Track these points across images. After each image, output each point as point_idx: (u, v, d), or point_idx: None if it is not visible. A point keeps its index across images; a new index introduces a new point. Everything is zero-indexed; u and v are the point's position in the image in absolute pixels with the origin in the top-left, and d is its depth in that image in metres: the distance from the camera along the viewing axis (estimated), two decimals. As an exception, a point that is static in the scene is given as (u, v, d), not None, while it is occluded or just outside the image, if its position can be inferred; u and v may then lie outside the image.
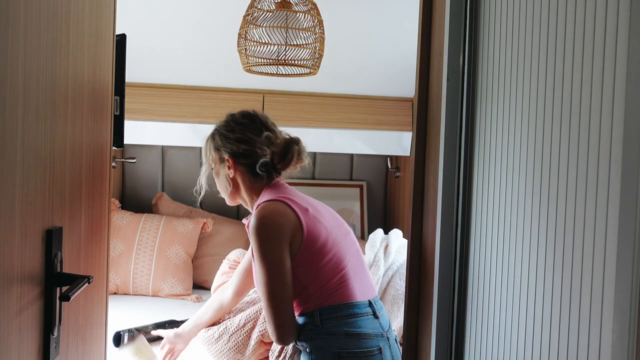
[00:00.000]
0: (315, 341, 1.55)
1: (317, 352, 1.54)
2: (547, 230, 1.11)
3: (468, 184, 1.49)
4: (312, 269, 1.54)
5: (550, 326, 1.09)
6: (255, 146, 1.66)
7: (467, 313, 1.47)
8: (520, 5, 1.24)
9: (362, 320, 1.55)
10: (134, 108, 3.02)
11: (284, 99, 3.20)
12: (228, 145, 1.68)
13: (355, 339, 1.53)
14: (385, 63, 3.00)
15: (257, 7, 2.15)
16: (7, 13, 0.79)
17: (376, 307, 1.61)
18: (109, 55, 1.35)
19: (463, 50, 1.48)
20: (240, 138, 1.67)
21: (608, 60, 0.93)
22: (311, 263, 1.54)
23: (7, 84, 0.79)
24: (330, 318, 1.54)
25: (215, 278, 2.31)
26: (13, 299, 0.84)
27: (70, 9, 1.05)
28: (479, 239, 1.43)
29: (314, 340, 1.55)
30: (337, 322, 1.54)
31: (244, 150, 1.66)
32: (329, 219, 1.66)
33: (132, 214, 3.18)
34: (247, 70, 2.32)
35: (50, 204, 0.98)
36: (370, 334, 1.56)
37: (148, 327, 2.40)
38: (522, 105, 1.22)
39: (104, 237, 1.37)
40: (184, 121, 3.12)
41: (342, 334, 1.53)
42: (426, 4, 1.67)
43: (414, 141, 1.73)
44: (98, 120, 1.28)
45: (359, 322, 1.55)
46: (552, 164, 1.09)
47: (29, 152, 0.88)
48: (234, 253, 2.35)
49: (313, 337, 1.56)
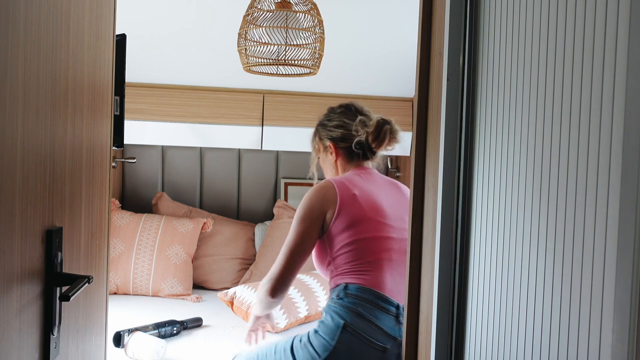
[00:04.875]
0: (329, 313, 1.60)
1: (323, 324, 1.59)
2: (547, 230, 1.11)
3: (468, 184, 1.49)
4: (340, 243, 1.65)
5: (550, 326, 1.09)
6: (351, 129, 1.82)
7: (467, 313, 1.48)
8: (520, 5, 1.24)
9: (384, 315, 1.58)
10: (134, 108, 3.02)
11: (284, 99, 3.20)
12: (328, 132, 1.87)
13: (367, 324, 1.55)
14: (385, 63, 3.00)
15: (257, 7, 2.15)
16: (7, 13, 0.79)
17: (402, 314, 1.61)
18: (109, 55, 1.35)
19: (463, 50, 1.48)
20: (337, 124, 1.86)
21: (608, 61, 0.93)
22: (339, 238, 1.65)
23: (7, 84, 0.79)
24: (354, 296, 1.59)
25: None
26: (13, 298, 0.84)
27: (70, 9, 1.05)
28: (479, 239, 1.43)
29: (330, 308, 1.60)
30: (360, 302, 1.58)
31: (341, 134, 1.84)
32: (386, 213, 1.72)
33: (132, 214, 3.18)
34: (247, 70, 2.32)
35: (50, 204, 0.98)
36: (384, 331, 1.57)
37: (148, 327, 2.40)
38: (522, 105, 1.22)
39: (104, 237, 1.37)
40: (184, 121, 3.12)
41: (357, 313, 1.56)
42: (426, 4, 1.67)
43: (414, 141, 1.73)
44: (98, 120, 1.28)
45: (379, 315, 1.57)
46: (552, 164, 1.09)
47: (29, 152, 0.88)
48: None
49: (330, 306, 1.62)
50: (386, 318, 1.57)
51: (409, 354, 1.73)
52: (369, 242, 1.65)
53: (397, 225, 1.73)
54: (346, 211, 1.66)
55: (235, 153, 3.58)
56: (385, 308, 1.58)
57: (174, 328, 2.47)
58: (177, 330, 2.49)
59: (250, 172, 3.57)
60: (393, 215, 1.74)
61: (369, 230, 1.67)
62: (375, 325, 1.56)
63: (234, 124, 3.16)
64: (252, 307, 1.88)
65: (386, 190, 1.79)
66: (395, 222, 1.73)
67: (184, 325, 2.53)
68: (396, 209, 1.76)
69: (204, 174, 3.57)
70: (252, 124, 3.17)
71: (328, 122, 1.90)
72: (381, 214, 1.71)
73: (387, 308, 1.58)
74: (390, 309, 1.59)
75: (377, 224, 1.68)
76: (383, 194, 1.77)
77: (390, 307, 1.59)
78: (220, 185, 3.58)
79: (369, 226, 1.67)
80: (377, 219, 1.69)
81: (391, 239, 1.69)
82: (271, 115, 3.18)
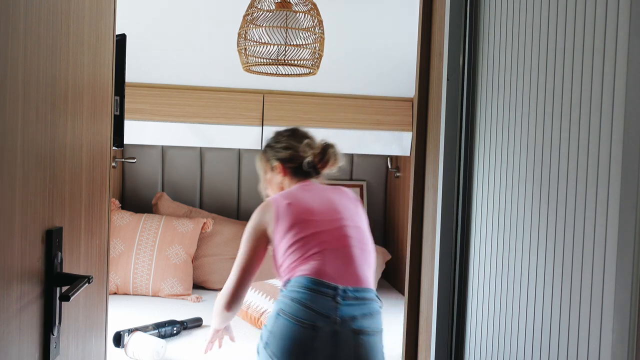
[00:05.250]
0: (276, 304, 1.81)
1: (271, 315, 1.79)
2: (547, 230, 1.11)
3: (468, 184, 1.49)
4: (284, 248, 1.84)
5: (550, 326, 1.09)
6: (299, 150, 2.01)
7: (467, 313, 1.48)
8: (520, 5, 1.24)
9: (318, 297, 1.73)
10: (134, 108, 3.02)
11: (284, 99, 3.20)
12: (276, 153, 2.04)
13: (299, 306, 1.72)
14: (385, 63, 3.00)
15: (257, 7, 2.15)
16: (7, 13, 0.79)
17: (343, 295, 1.74)
18: (109, 55, 1.35)
19: (463, 50, 1.48)
20: (285, 146, 2.03)
21: (608, 61, 0.93)
22: (282, 243, 1.84)
23: (7, 84, 0.79)
24: (292, 285, 1.77)
25: None
26: (13, 298, 0.84)
27: (70, 9, 1.05)
28: (479, 239, 1.43)
29: (277, 302, 1.81)
30: (295, 290, 1.75)
31: (289, 155, 2.02)
32: (319, 212, 1.90)
33: (132, 214, 3.18)
34: (246, 70, 2.32)
35: (50, 204, 0.98)
36: (317, 311, 1.71)
37: (148, 327, 2.40)
38: (522, 105, 1.22)
39: (104, 237, 1.37)
40: (184, 121, 3.12)
41: (292, 299, 1.74)
42: (426, 4, 1.67)
43: (414, 141, 1.73)
44: (98, 120, 1.28)
45: (313, 297, 1.72)
46: (552, 164, 1.09)
47: (29, 152, 0.88)
48: None
49: (277, 300, 1.81)
50: (321, 299, 1.72)
51: (409, 354, 1.73)
52: (306, 240, 1.82)
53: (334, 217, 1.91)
54: (282, 220, 1.85)
55: (235, 153, 3.58)
56: (320, 291, 1.72)
57: (174, 328, 2.47)
58: (177, 330, 2.49)
59: (250, 172, 3.56)
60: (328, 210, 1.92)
61: (304, 230, 1.84)
62: (307, 307, 1.71)
63: (234, 124, 3.16)
64: (211, 321, 2.06)
65: (323, 194, 1.97)
66: (331, 215, 1.91)
67: (184, 325, 2.53)
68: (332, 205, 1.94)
69: (204, 174, 3.57)
70: (252, 124, 3.17)
71: (276, 144, 2.06)
72: (313, 213, 1.89)
73: (322, 291, 1.72)
74: (326, 291, 1.73)
75: (311, 223, 1.86)
76: (317, 196, 1.95)
77: (327, 289, 1.73)
78: (220, 185, 3.58)
79: (303, 226, 1.85)
80: (309, 218, 1.86)
81: (328, 232, 1.86)
82: (271, 115, 3.18)
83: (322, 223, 1.87)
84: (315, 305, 1.71)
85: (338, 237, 1.85)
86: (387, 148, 3.32)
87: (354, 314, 1.73)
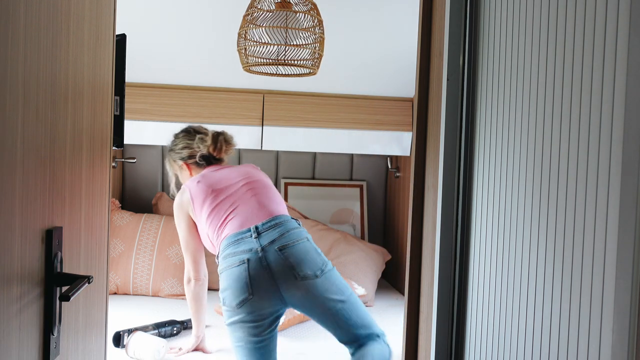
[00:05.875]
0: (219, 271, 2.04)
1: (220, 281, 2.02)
2: (547, 230, 1.11)
3: (468, 184, 1.49)
4: (206, 221, 2.12)
5: (550, 326, 1.09)
6: (194, 147, 2.31)
7: (467, 313, 1.48)
8: (520, 5, 1.24)
9: (242, 242, 1.99)
10: (134, 108, 3.02)
11: (284, 99, 3.20)
12: (177, 154, 2.35)
13: (231, 256, 1.97)
14: (385, 63, 3.00)
15: (257, 7, 2.15)
16: (7, 13, 0.79)
17: (257, 230, 2.01)
18: (109, 55, 1.35)
19: (463, 50, 1.48)
20: (183, 146, 2.34)
21: (608, 61, 0.93)
22: (203, 218, 2.13)
23: (7, 84, 0.79)
24: (223, 247, 2.03)
25: None
26: (13, 298, 0.84)
27: (70, 9, 1.05)
28: (479, 238, 1.43)
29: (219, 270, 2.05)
30: (225, 249, 2.01)
31: (188, 153, 2.32)
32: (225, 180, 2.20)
33: (132, 214, 3.18)
34: (246, 70, 2.32)
35: (50, 203, 0.98)
36: (242, 250, 1.96)
37: (148, 327, 2.40)
38: (522, 105, 1.22)
39: (104, 237, 1.37)
40: (184, 121, 3.11)
41: (224, 257, 2.00)
42: (426, 4, 1.67)
43: (414, 141, 1.73)
44: (98, 120, 1.28)
45: (240, 244, 1.99)
46: (552, 164, 1.09)
47: (29, 152, 0.88)
48: None
49: None
50: (242, 243, 1.98)
51: (409, 354, 1.73)
52: (219, 207, 2.10)
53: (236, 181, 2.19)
54: (197, 198, 2.15)
55: (235, 153, 3.58)
56: (240, 239, 2.00)
57: (174, 328, 2.48)
58: (177, 330, 2.49)
59: (250, 172, 3.56)
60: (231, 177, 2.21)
61: (216, 198, 2.12)
62: (235, 254, 1.97)
63: (234, 124, 3.15)
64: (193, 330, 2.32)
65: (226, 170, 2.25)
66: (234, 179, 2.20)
67: (184, 325, 2.53)
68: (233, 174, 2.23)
69: (204, 174, 3.57)
70: (252, 124, 3.17)
71: (175, 147, 2.37)
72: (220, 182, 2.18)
73: (241, 238, 2.00)
74: (244, 235, 2.00)
75: (220, 191, 2.15)
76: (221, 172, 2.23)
77: (245, 233, 2.00)
78: (220, 185, 3.58)
79: (214, 196, 2.13)
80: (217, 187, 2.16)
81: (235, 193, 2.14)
82: (271, 115, 3.18)
83: (229, 188, 2.16)
84: (240, 248, 1.97)
85: (244, 192, 2.14)
86: (387, 148, 3.32)
87: (272, 238, 1.97)
